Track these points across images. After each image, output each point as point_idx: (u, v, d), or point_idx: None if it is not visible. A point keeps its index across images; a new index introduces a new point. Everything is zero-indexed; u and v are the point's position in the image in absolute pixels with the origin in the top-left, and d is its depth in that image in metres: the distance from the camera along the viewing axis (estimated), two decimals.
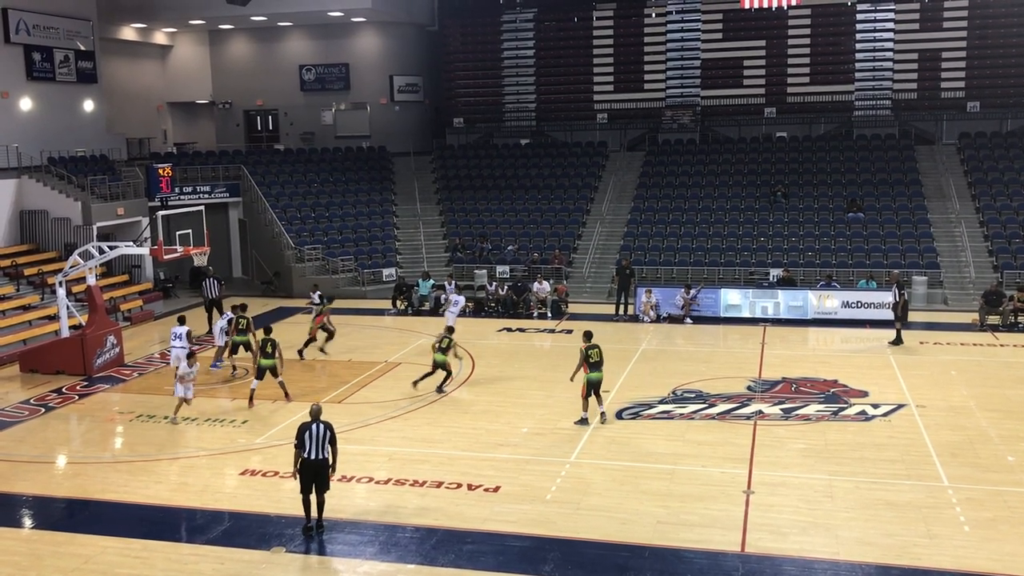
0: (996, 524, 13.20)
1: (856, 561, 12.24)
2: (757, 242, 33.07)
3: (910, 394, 19.70)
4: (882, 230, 32.46)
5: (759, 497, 14.35)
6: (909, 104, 38.32)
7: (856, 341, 25.38)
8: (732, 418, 18.39)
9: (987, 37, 37.40)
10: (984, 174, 34.08)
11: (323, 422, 13.18)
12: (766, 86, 39.83)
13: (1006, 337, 24.76)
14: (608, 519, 13.66)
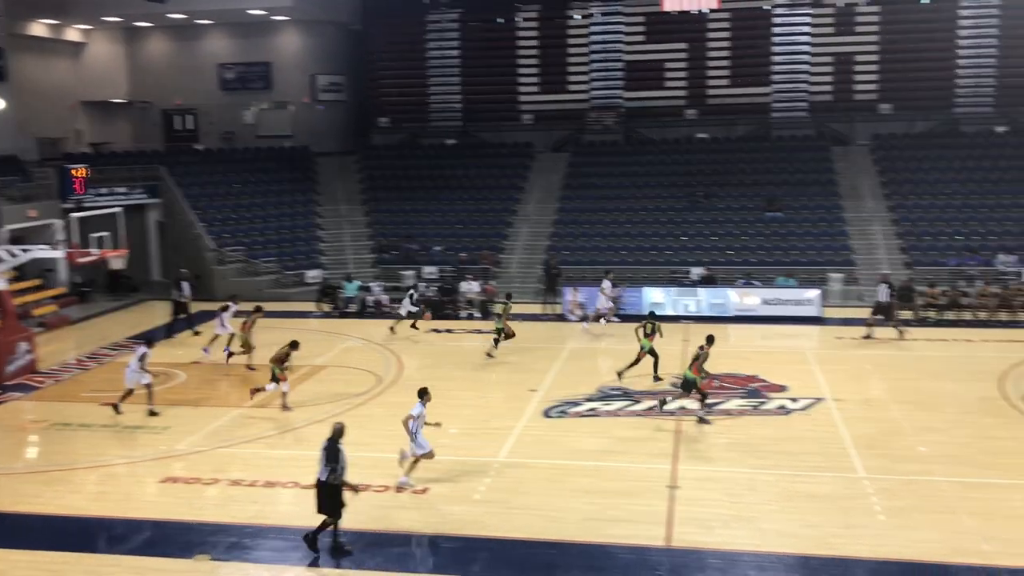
0: (909, 512, 13.68)
1: (778, 552, 12.56)
2: (679, 241, 33.63)
3: (827, 388, 20.27)
4: (799, 229, 33.32)
5: (684, 492, 14.61)
6: (824, 106, 39.39)
7: (776, 337, 26.03)
8: (657, 415, 18.65)
9: (898, 41, 38.66)
10: (896, 174, 35.24)
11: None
12: (687, 88, 40.50)
13: (917, 332, 25.64)
14: (536, 517, 13.75)
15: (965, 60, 38.29)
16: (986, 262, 30.21)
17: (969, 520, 13.37)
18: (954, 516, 13.55)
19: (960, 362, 22.57)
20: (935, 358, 23.08)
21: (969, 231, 32.15)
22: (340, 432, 12.81)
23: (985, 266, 29.98)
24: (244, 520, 13.79)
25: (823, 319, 27.58)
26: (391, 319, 27.31)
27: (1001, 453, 16.10)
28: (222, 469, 15.90)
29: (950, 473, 15.21)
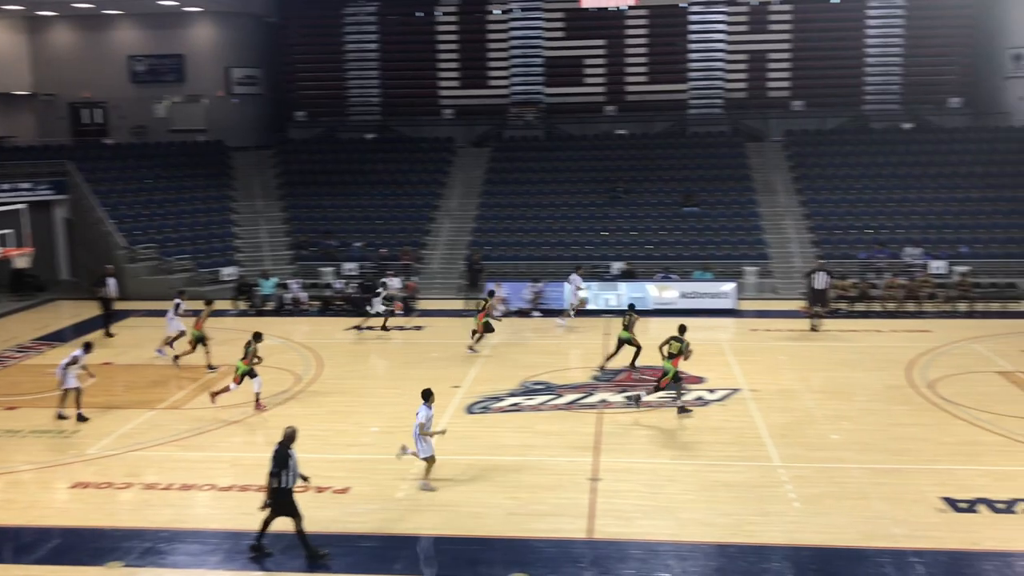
0: (822, 499, 14.05)
1: (696, 541, 12.77)
2: (600, 236, 33.93)
3: (743, 379, 20.71)
4: (716, 223, 33.95)
5: (605, 484, 14.74)
6: (739, 103, 40.22)
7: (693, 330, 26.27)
8: (579, 407, 18.81)
9: (809, 39, 39.71)
10: (808, 169, 36.17)
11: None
12: (606, 85, 40.91)
13: (829, 323, 26.36)
14: (459, 513, 13.70)
15: (873, 59, 39.54)
16: (894, 255, 31.25)
17: (880, 505, 13.81)
18: (865, 501, 13.97)
19: (870, 352, 23.29)
20: (846, 348, 23.76)
21: (878, 225, 33.19)
22: (292, 437, 12.53)
23: (893, 259, 31.00)
24: (159, 525, 13.42)
25: (739, 311, 28.17)
26: (357, 317, 26.90)
27: (909, 439, 16.66)
28: (135, 473, 15.45)
29: (861, 460, 15.68)
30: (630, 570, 12.05)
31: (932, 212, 33.44)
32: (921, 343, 23.72)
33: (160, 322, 24.10)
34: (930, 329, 25.47)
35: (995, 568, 11.86)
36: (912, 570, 11.84)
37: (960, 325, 26.06)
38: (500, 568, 12.13)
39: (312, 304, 29.67)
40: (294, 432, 12.64)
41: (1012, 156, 35.21)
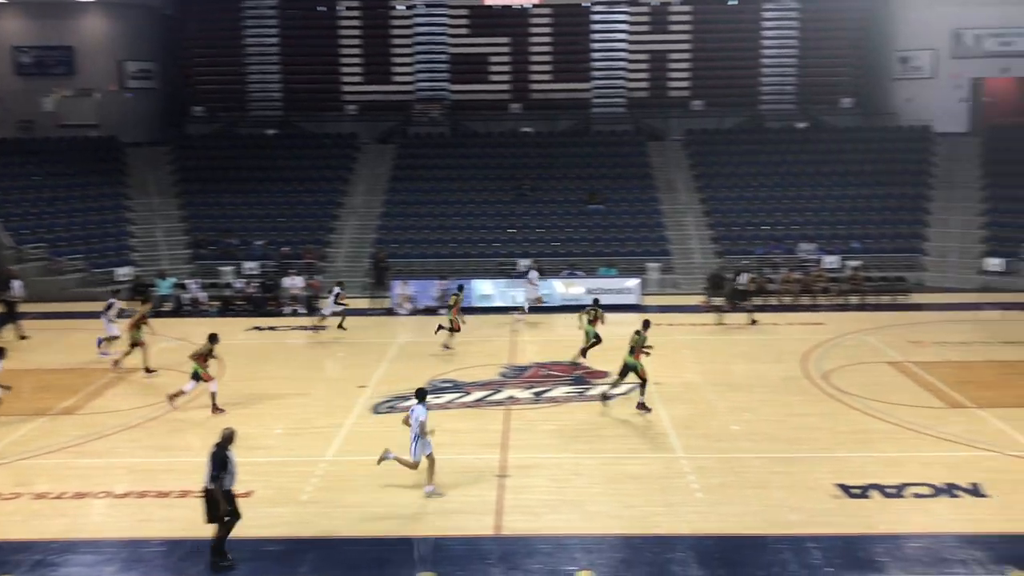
0: (724, 488, 14.38)
1: (603, 534, 12.91)
2: (506, 233, 34.04)
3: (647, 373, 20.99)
4: (620, 221, 34.46)
5: (513, 480, 14.78)
6: (641, 102, 40.90)
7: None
8: (486, 404, 18.82)
9: (708, 41, 40.66)
10: (707, 167, 37.03)
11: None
12: (511, 82, 41.09)
13: (729, 317, 27.03)
14: (366, 514, 13.54)
15: (769, 60, 40.74)
16: (789, 250, 32.26)
17: (778, 493, 14.21)
18: (764, 490, 14.35)
19: (767, 344, 23.98)
20: (745, 341, 24.40)
21: (774, 221, 34.23)
22: (230, 438, 12.12)
23: (788, 254, 32.02)
24: (51, 535, 12.85)
25: (642, 307, 28.63)
26: (310, 317, 26.34)
27: (805, 428, 17.20)
28: (25, 482, 14.76)
29: (760, 449, 16.11)
30: (538, 564, 12.10)
31: (825, 209, 34.65)
32: (816, 335, 24.52)
33: (52, 325, 23.19)
34: (824, 322, 26.38)
35: (886, 550, 12.33)
36: (809, 555, 12.22)
37: (852, 317, 27.06)
38: (407, 568, 12.02)
39: (212, 304, 28.95)
40: (232, 433, 12.25)
41: (900, 155, 36.78)
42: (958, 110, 39.19)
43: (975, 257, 32.09)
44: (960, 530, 12.84)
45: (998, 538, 12.59)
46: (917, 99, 38.99)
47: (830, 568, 11.88)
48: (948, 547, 12.37)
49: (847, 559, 12.13)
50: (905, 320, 26.60)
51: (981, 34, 38.73)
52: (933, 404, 18.58)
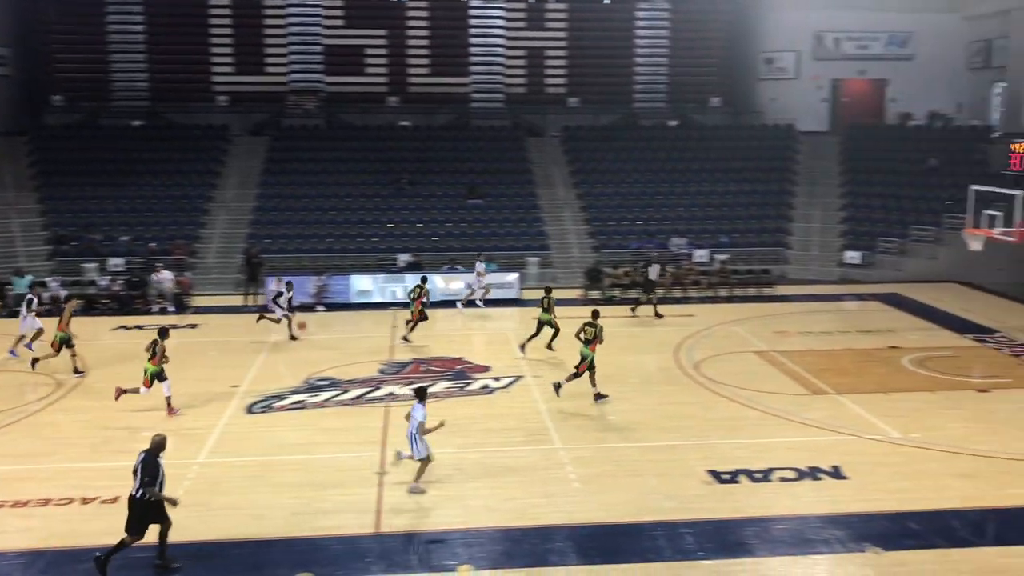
0: (601, 478, 14.67)
1: (483, 527, 12.96)
2: (385, 228, 33.71)
3: (526, 366, 21.25)
4: (499, 216, 34.63)
5: (393, 477, 14.66)
6: (519, 98, 41.19)
7: (479, 320, 26.87)
8: (365, 402, 18.61)
9: (584, 38, 41.28)
10: (584, 163, 37.62)
11: None
12: (388, 75, 40.71)
13: (605, 310, 27.44)
14: (240, 516, 13.19)
15: (642, 59, 41.68)
16: (662, 245, 33.12)
17: (652, 481, 14.59)
18: (640, 478, 14.71)
19: (642, 336, 24.57)
20: (621, 333, 24.84)
21: (647, 217, 35.07)
22: (161, 445, 11.74)
23: (662, 248, 32.85)
24: None
25: (522, 301, 28.86)
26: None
27: (678, 417, 17.71)
28: None
29: (636, 439, 16.50)
30: (419, 561, 12.04)
31: (696, 204, 35.74)
32: (687, 327, 25.28)
33: None
34: (694, 314, 27.20)
35: (754, 533, 12.83)
36: (682, 540, 12.59)
37: (721, 309, 28.00)
38: (284, 570, 11.77)
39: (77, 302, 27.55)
40: (163, 440, 11.87)
41: (765, 152, 38.27)
42: (819, 109, 41.12)
43: (835, 251, 33.71)
44: (823, 511, 13.48)
45: (857, 517, 13.27)
46: (781, 99, 40.67)
47: (702, 552, 12.28)
48: (812, 527, 12.97)
49: (718, 543, 12.55)
50: (770, 311, 27.70)
51: (840, 37, 40.74)
52: (797, 391, 19.44)
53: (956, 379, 20.35)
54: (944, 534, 12.78)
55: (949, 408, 18.31)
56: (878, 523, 13.10)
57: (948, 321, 26.03)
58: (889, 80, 41.22)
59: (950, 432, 16.82)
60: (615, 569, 11.84)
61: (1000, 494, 14.12)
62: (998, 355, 22.57)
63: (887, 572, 11.72)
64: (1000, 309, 27.76)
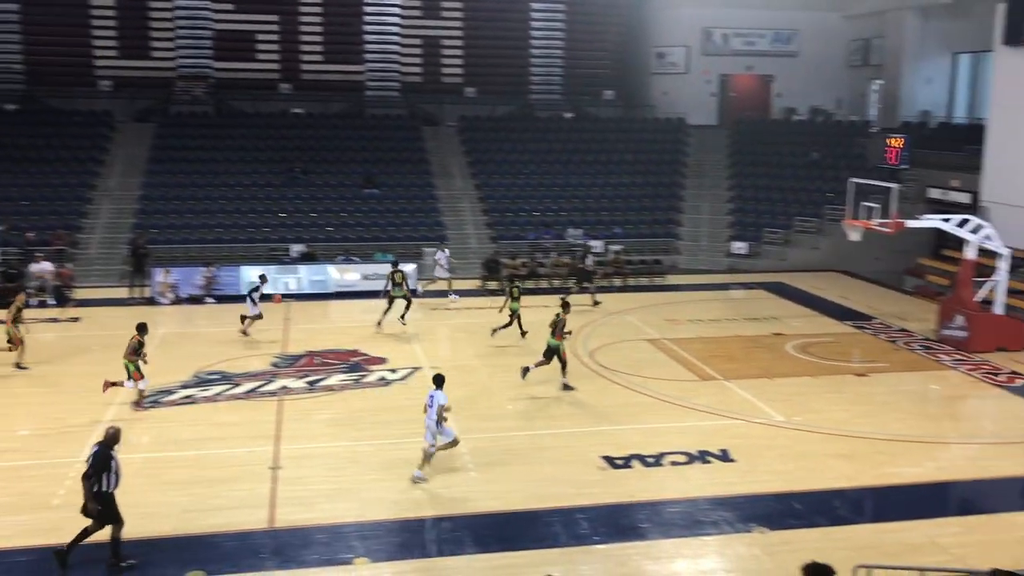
0: (498, 467, 14.79)
1: (379, 520, 12.91)
2: (278, 218, 33.04)
3: (424, 357, 21.21)
4: (396, 206, 34.36)
5: (286, 471, 14.46)
6: (415, 87, 40.93)
7: (376, 312, 26.56)
8: (258, 396, 18.26)
9: (480, 28, 41.27)
10: (481, 154, 37.67)
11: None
12: (280, 62, 39.84)
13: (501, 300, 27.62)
14: (130, 516, 12.67)
15: (537, 51, 41.94)
16: (558, 235, 33.48)
17: (548, 468, 14.79)
18: (536, 466, 14.90)
19: (539, 325, 24.64)
20: (485, 324, 24.87)
21: (544, 208, 35.37)
22: (115, 437, 11.60)
23: (558, 239, 33.22)
24: None
25: (419, 292, 28.73)
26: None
27: (574, 405, 17.98)
28: None
29: (532, 427, 16.69)
30: (314, 555, 11.92)
31: (591, 196, 36.23)
32: (583, 316, 25.61)
33: None
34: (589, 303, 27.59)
35: (646, 516, 13.16)
36: (578, 526, 12.81)
37: (615, 298, 28.49)
38: (175, 568, 11.48)
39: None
40: (117, 432, 11.68)
41: (657, 145, 39.08)
42: (708, 104, 42.20)
43: (723, 241, 34.69)
44: (712, 493, 13.92)
45: (744, 498, 13.76)
46: (672, 93, 41.59)
47: (597, 536, 12.52)
48: (702, 510, 13.38)
49: (612, 527, 12.82)
50: (662, 300, 28.36)
51: (728, 33, 41.87)
52: (687, 377, 19.99)
53: (836, 364, 21.28)
54: (825, 512, 13.37)
55: (830, 392, 19.13)
56: (764, 504, 13.61)
57: (829, 308, 27.15)
58: (774, 76, 42.62)
59: (831, 415, 17.59)
60: (512, 556, 11.96)
61: (876, 473, 14.85)
62: (875, 341, 23.68)
63: (772, 551, 12.19)
64: (877, 297, 29.12)
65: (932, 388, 19.87)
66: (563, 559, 11.88)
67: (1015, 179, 28.26)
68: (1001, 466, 15.34)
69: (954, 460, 15.64)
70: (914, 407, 18.41)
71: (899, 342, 23.44)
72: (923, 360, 21.81)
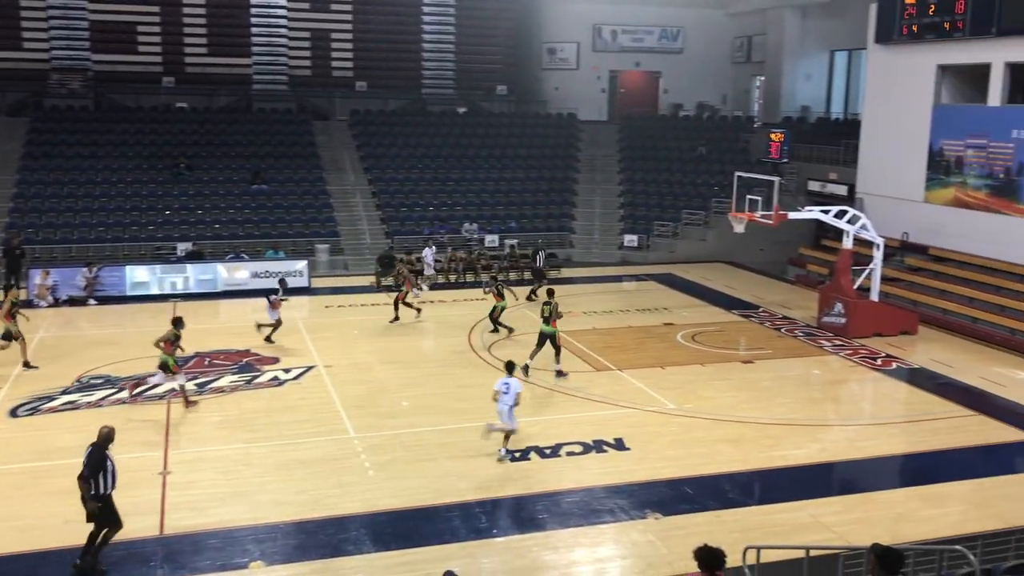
0: (396, 464, 14.72)
1: (274, 522, 12.68)
2: (162, 216, 32.00)
3: (318, 356, 20.91)
4: (286, 201, 33.71)
5: (176, 476, 14.06)
6: (304, 80, 40.19)
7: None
8: (145, 400, 17.66)
9: (369, 22, 40.79)
10: (374, 148, 37.29)
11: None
12: (163, 54, 38.49)
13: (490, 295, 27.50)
14: (8, 528, 12.21)
15: (429, 46, 41.72)
16: (454, 230, 33.46)
17: (447, 463, 14.80)
18: (435, 462, 14.88)
19: (436, 321, 24.75)
20: (379, 321, 24.79)
21: (439, 203, 35.28)
22: (109, 437, 11.45)
23: (453, 234, 33.19)
24: None
25: (312, 289, 28.32)
26: None
27: (472, 399, 17.97)
28: None
29: (430, 423, 16.65)
30: (207, 561, 11.63)
31: (485, 190, 36.34)
32: (480, 310, 25.67)
33: None
34: (486, 298, 27.65)
35: (544, 507, 13.32)
36: (477, 520, 12.88)
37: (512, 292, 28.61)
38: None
39: None
40: (111, 432, 11.54)
41: (550, 140, 39.46)
42: (599, 99, 42.86)
43: (615, 234, 35.32)
44: (608, 482, 14.18)
45: (638, 486, 14.07)
46: (564, 88, 42.06)
47: (496, 530, 12.61)
48: (599, 498, 13.62)
49: (512, 519, 12.95)
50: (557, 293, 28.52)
51: (617, 30, 42.62)
52: (583, 368, 20.29)
53: (724, 352, 21.96)
54: (716, 496, 13.80)
55: (718, 379, 19.74)
56: (658, 490, 13.95)
57: (716, 298, 27.98)
58: (662, 72, 43.59)
59: (719, 401, 18.15)
60: (411, 553, 11.93)
61: (764, 456, 15.40)
62: (760, 328, 24.52)
63: (666, 535, 12.51)
64: (761, 286, 30.15)
65: (814, 373, 20.74)
66: (463, 554, 11.92)
67: (887, 172, 29.73)
68: (878, 446, 16.13)
69: (835, 442, 16.35)
70: (798, 391, 19.17)
71: (783, 329, 24.34)
72: (805, 346, 22.71)
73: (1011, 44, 25.21)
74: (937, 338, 23.58)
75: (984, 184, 26.31)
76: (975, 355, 22.11)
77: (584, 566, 11.94)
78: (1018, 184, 25.24)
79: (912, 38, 28.28)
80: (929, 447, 16.11)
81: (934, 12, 27.27)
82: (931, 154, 28.03)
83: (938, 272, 26.95)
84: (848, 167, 32.08)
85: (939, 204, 27.81)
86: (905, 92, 28.85)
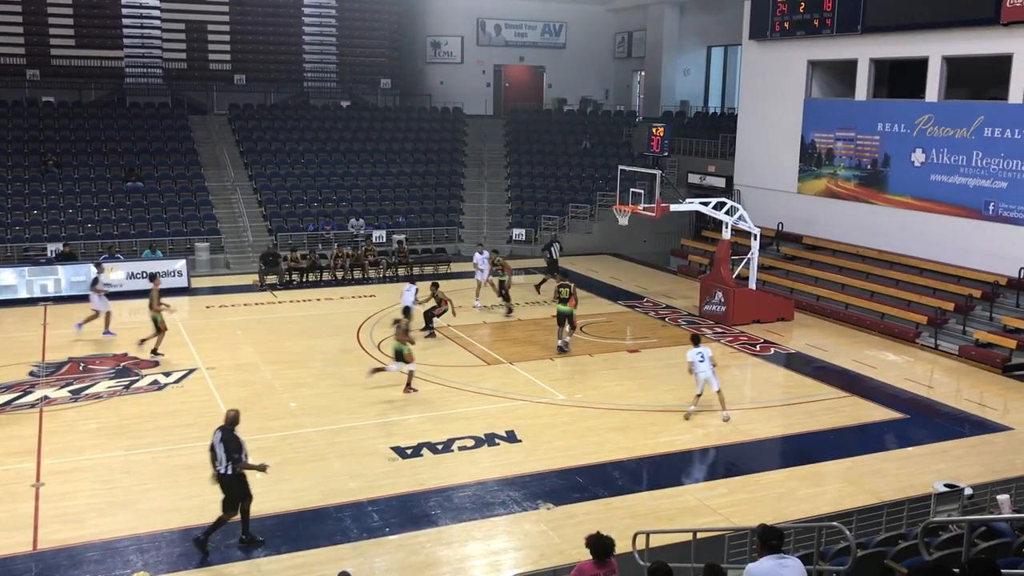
0: (285, 466, 14.38)
1: (158, 530, 12.25)
2: (30, 215, 30.44)
3: (200, 358, 20.28)
4: (162, 199, 32.55)
5: (50, 488, 13.41)
6: (180, 74, 38.84)
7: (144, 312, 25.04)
8: (14, 409, 16.78)
9: (248, 14, 39.71)
10: (254, 143, 36.36)
11: None
12: (26, 46, 36.55)
13: (283, 294, 26.99)
14: None
15: (310, 39, 40.93)
16: (339, 226, 32.96)
17: (337, 463, 14.58)
18: (324, 462, 14.64)
19: (322, 319, 24.35)
20: (300, 318, 24.52)
21: (324, 198, 34.70)
22: (235, 419, 11.80)
23: (339, 230, 32.69)
24: None
25: (192, 289, 27.46)
26: None
27: (361, 398, 17.80)
28: None
29: (319, 423, 16.37)
30: (87, 574, 11.13)
31: (372, 185, 35.93)
32: (368, 307, 25.45)
33: None
34: (375, 294, 27.43)
35: (437, 503, 13.28)
36: (369, 519, 12.73)
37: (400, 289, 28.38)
38: None
39: None
40: (237, 414, 11.93)
41: (435, 134, 39.30)
42: (484, 94, 42.94)
43: (503, 228, 35.48)
44: (500, 475, 14.25)
45: (531, 477, 14.19)
46: (449, 82, 41.97)
47: (388, 528, 12.50)
48: (491, 491, 13.67)
49: (404, 516, 12.85)
50: (448, 288, 28.45)
51: (500, 24, 42.76)
52: (474, 363, 20.32)
53: (611, 342, 22.37)
54: (606, 484, 14.04)
55: (606, 369, 20.08)
56: (549, 480, 14.09)
57: (603, 290, 28.45)
58: (545, 67, 43.99)
59: (608, 391, 18.47)
60: (303, 556, 11.72)
61: (651, 443, 15.76)
62: (645, 318, 25.07)
63: (558, 525, 12.65)
64: (645, 277, 30.82)
65: None
66: (355, 554, 11.77)
67: (762, 164, 30.83)
68: (759, 429, 16.72)
69: (719, 426, 16.86)
70: (682, 379, 19.59)
71: (667, 319, 24.95)
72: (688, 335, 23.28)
73: (875, 41, 26.50)
74: (812, 323, 24.59)
75: (853, 175, 27.57)
76: (848, 339, 23.15)
77: (478, 559, 11.96)
78: (884, 175, 26.56)
79: (784, 35, 29.37)
80: (807, 428, 16.80)
81: (804, 10, 28.41)
82: (803, 147, 29.21)
83: (812, 260, 28.13)
84: (726, 160, 33.11)
85: (811, 195, 29.02)
86: (778, 87, 29.96)
